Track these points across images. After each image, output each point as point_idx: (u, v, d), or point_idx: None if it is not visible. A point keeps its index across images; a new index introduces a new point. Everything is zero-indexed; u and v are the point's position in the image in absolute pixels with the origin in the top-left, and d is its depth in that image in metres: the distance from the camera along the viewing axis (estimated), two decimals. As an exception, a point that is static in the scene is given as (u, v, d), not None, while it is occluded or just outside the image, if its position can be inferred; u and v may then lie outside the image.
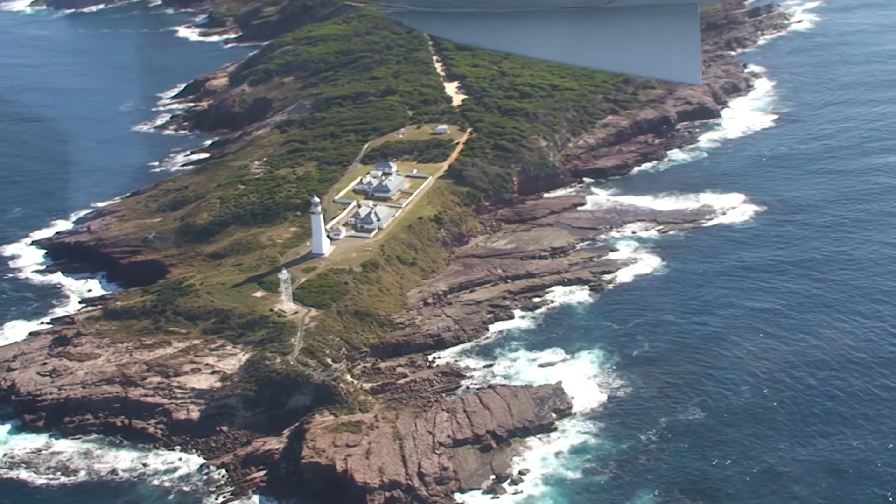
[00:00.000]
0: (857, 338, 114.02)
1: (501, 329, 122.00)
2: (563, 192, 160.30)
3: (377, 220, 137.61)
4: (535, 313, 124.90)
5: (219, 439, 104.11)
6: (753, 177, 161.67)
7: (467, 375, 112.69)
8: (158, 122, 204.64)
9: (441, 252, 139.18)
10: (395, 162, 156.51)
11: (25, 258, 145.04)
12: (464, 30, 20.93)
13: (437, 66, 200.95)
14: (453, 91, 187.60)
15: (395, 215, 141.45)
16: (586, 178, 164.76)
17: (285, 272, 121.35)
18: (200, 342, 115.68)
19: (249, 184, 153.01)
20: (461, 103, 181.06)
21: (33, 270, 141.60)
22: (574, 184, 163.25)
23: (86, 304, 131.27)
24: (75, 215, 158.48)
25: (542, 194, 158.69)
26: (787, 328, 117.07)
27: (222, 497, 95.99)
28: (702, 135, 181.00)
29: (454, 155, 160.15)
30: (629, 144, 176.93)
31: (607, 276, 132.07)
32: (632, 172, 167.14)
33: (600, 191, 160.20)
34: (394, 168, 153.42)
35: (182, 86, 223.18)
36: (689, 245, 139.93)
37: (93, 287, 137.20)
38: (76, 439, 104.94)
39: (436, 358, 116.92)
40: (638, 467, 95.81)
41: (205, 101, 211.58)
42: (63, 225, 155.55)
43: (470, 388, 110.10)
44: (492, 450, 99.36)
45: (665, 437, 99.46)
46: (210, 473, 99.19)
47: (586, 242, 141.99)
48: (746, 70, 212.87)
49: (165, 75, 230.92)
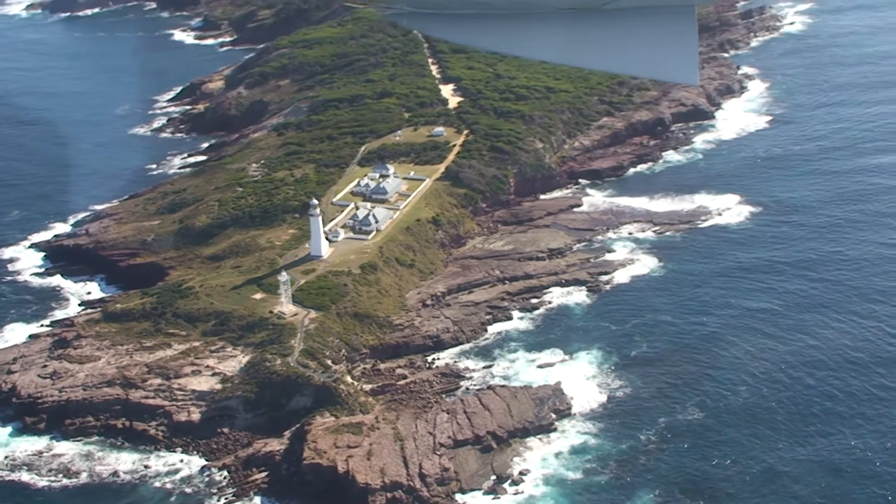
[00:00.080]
0: (855, 338, 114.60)
1: (500, 330, 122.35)
2: (559, 194, 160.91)
3: (375, 222, 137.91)
4: (534, 314, 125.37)
5: (220, 441, 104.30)
6: (748, 178, 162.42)
7: (466, 376, 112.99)
8: (155, 125, 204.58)
9: (439, 254, 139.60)
10: (393, 164, 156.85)
11: (24, 261, 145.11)
12: (462, 31, 21.01)
13: (432, 69, 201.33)
14: (449, 93, 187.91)
15: (393, 217, 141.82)
16: (582, 180, 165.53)
17: (285, 274, 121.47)
18: (200, 344, 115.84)
19: (247, 186, 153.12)
20: (457, 106, 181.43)
21: (32, 273, 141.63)
22: (570, 185, 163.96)
23: (85, 307, 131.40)
24: (73, 218, 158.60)
25: (539, 196, 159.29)
26: (785, 328, 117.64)
27: (224, 499, 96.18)
28: (696, 136, 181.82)
29: (451, 157, 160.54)
30: (624, 146, 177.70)
31: (604, 277, 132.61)
32: (627, 174, 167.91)
33: (596, 192, 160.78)
34: (391, 170, 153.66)
35: (178, 89, 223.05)
36: (685, 246, 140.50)
37: (92, 289, 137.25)
38: (77, 441, 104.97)
39: (435, 359, 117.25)
40: (638, 467, 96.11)
41: (201, 104, 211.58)
42: (61, 228, 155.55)
43: (469, 389, 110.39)
44: (492, 450, 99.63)
45: (664, 438, 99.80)
46: (212, 475, 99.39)
47: (583, 243, 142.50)
48: (740, 72, 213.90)
49: (161, 78, 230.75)
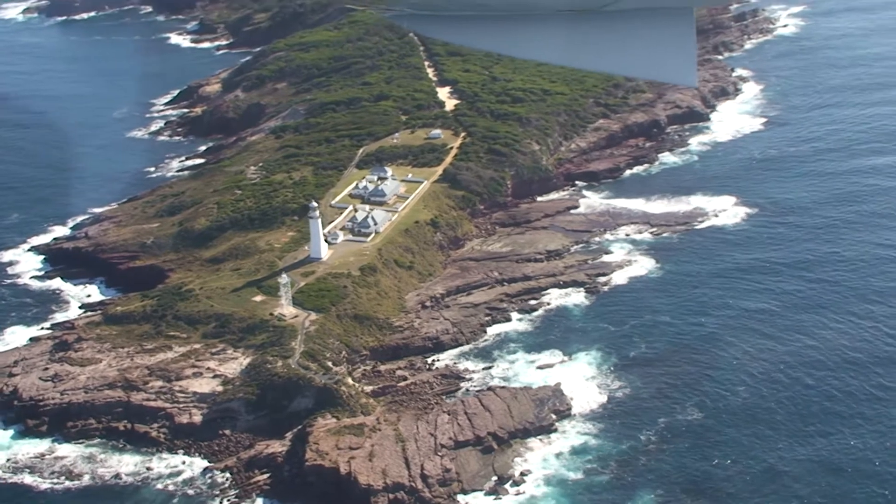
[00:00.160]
0: (853, 338, 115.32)
1: (499, 331, 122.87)
2: (556, 196, 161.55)
3: (374, 225, 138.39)
4: (532, 316, 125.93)
5: (222, 443, 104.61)
6: (744, 179, 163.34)
7: (466, 378, 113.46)
8: (153, 128, 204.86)
9: (437, 255, 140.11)
10: (391, 166, 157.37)
11: (24, 264, 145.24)
12: (462, 33, 21.21)
13: (428, 72, 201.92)
14: (446, 96, 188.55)
15: (392, 219, 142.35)
16: (579, 182, 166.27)
17: (285, 276, 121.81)
18: (201, 346, 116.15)
19: (246, 189, 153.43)
20: (454, 108, 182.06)
21: (32, 276, 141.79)
22: (567, 187, 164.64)
23: (86, 310, 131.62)
24: (72, 221, 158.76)
25: (536, 198, 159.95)
26: (783, 328, 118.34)
27: (227, 500, 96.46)
28: (692, 138, 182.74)
29: (448, 159, 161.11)
30: (620, 148, 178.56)
31: (602, 279, 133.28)
32: (624, 175, 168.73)
33: (593, 194, 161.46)
34: (389, 172, 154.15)
35: (175, 92, 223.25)
36: (682, 247, 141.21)
37: (92, 292, 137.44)
38: (79, 444, 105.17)
39: (435, 360, 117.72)
40: (639, 467, 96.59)
41: (198, 107, 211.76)
42: (60, 231, 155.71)
43: (469, 390, 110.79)
44: (493, 451, 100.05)
45: (665, 438, 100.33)
46: (214, 477, 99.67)
47: (580, 245, 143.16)
48: (734, 74, 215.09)
49: (158, 82, 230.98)
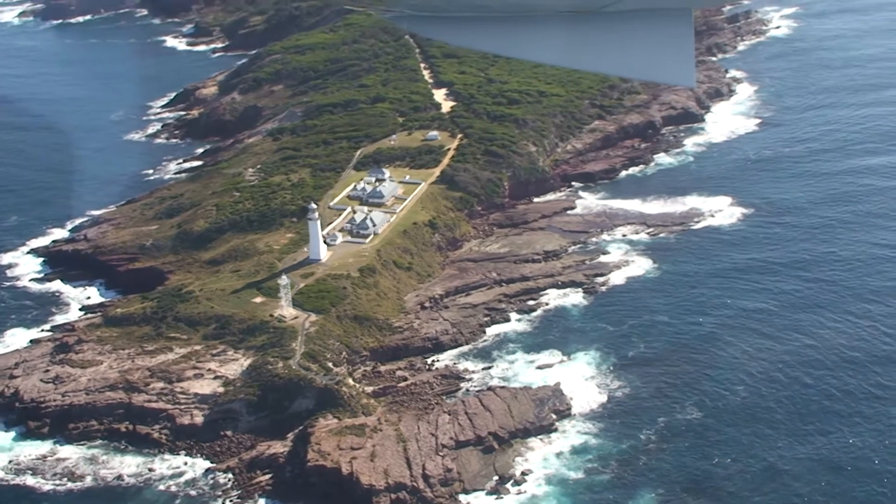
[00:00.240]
0: (851, 337, 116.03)
1: (498, 332, 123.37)
2: (552, 197, 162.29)
3: (373, 226, 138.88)
4: (531, 316, 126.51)
5: (223, 444, 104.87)
6: (739, 180, 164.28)
7: (466, 378, 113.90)
8: (150, 130, 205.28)
9: (436, 256, 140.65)
10: (388, 168, 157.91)
11: (23, 266, 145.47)
12: (462, 34, 21.26)
13: (424, 74, 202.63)
14: (442, 98, 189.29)
15: (390, 221, 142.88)
16: (575, 183, 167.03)
17: (285, 278, 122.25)
18: (202, 348, 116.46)
19: (244, 191, 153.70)
20: (450, 110, 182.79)
21: (31, 279, 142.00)
22: (563, 188, 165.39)
23: (86, 312, 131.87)
24: (71, 223, 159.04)
25: (533, 199, 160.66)
26: (781, 328, 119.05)
27: (229, 501, 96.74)
28: (687, 139, 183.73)
29: (446, 161, 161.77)
30: (616, 149, 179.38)
31: (600, 279, 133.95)
32: (620, 176, 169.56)
33: (589, 195, 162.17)
34: (387, 174, 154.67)
35: (172, 95, 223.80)
36: (679, 247, 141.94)
37: (91, 294, 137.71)
38: (81, 445, 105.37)
39: (434, 361, 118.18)
40: (639, 466, 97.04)
41: (195, 110, 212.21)
42: (59, 233, 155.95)
43: (469, 390, 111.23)
44: (494, 451, 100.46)
45: (664, 437, 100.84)
46: (216, 477, 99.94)
47: (578, 246, 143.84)
48: (728, 75, 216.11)
49: (154, 85, 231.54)
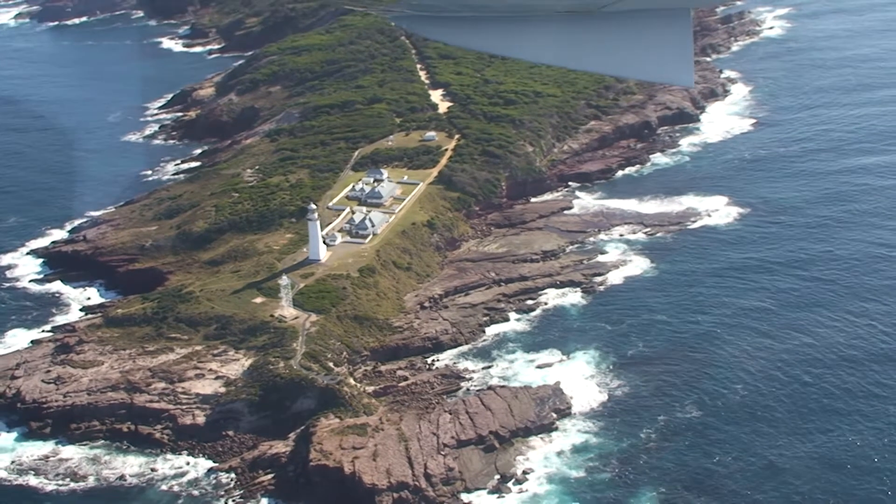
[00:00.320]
0: (849, 335, 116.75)
1: (497, 331, 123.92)
2: (550, 197, 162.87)
3: (372, 226, 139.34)
4: (530, 315, 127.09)
5: (225, 444, 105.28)
6: (735, 179, 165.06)
7: (466, 377, 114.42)
8: (147, 131, 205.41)
9: (435, 256, 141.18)
10: (386, 168, 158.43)
11: (23, 267, 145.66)
12: (461, 34, 21.47)
13: (421, 74, 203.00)
14: (438, 98, 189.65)
15: (389, 221, 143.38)
16: (572, 183, 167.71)
17: (286, 278, 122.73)
18: (203, 348, 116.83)
19: (243, 191, 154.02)
20: (447, 110, 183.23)
21: (31, 280, 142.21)
22: (560, 188, 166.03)
23: (86, 312, 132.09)
24: (70, 224, 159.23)
25: (530, 199, 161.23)
26: (779, 326, 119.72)
27: (232, 500, 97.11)
28: (682, 139, 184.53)
29: (443, 161, 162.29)
30: (612, 149, 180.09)
31: (598, 278, 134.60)
32: (616, 176, 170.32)
33: (586, 195, 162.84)
34: (385, 174, 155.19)
35: (169, 96, 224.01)
36: (676, 247, 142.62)
37: (91, 295, 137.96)
38: (83, 446, 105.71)
39: (435, 360, 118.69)
40: (640, 465, 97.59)
41: (192, 111, 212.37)
42: (59, 234, 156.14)
43: (470, 389, 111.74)
44: (495, 450, 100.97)
45: (665, 435, 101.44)
46: (218, 477, 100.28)
47: (576, 245, 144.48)
48: (722, 75, 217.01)
49: (151, 86, 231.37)
